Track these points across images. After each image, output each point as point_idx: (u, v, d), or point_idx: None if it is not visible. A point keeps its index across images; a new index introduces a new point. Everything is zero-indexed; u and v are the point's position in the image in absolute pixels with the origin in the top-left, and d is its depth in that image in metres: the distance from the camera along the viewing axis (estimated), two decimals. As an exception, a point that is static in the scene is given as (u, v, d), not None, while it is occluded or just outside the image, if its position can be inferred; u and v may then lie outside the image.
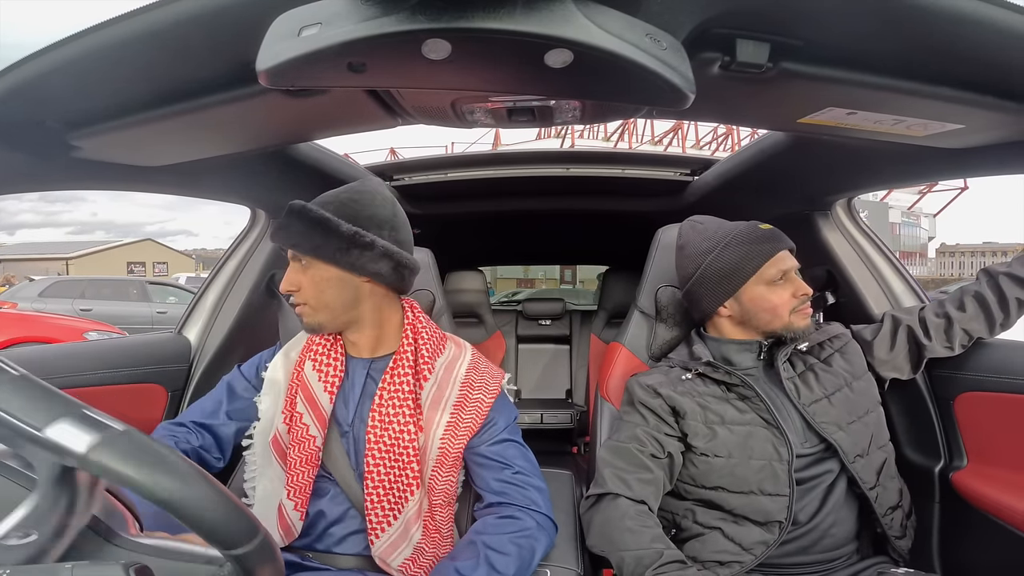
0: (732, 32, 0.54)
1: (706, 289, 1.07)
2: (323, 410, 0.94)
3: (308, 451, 0.93)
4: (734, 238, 1.04)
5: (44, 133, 0.73)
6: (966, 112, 0.66)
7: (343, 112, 0.76)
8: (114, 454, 0.35)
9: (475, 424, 0.96)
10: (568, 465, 2.15)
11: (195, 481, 0.38)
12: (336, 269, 0.91)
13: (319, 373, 0.96)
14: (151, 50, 0.56)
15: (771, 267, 1.01)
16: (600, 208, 1.99)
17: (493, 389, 1.01)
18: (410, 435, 0.91)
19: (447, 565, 0.84)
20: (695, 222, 1.14)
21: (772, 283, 1.02)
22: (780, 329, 1.02)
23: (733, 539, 0.96)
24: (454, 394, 0.97)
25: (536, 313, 2.87)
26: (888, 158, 1.01)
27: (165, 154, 0.90)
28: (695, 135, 20.15)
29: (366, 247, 0.90)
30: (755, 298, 1.03)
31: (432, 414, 0.95)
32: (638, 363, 1.29)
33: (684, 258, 1.12)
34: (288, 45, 0.42)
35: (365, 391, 0.97)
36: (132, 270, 29.81)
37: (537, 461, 1.01)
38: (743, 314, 1.05)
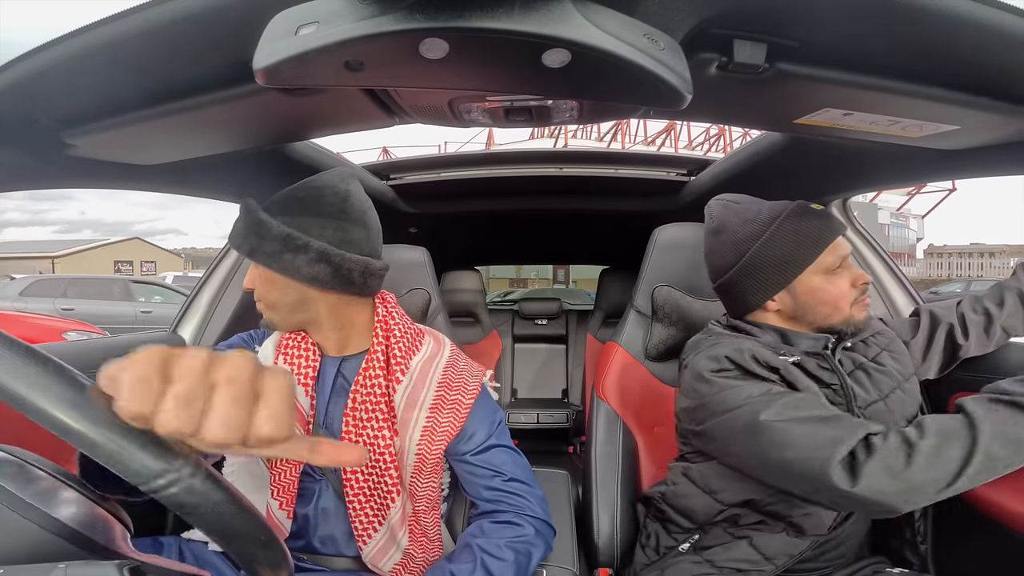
0: (730, 33, 0.55)
1: (753, 280, 0.94)
2: (300, 406, 0.90)
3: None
4: (786, 220, 0.91)
5: (38, 131, 0.73)
6: (961, 113, 0.67)
7: (340, 111, 0.76)
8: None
9: (453, 427, 0.92)
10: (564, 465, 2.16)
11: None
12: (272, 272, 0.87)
13: (291, 367, 0.92)
14: (147, 48, 0.56)
15: (830, 254, 0.90)
16: (597, 208, 1.99)
17: (472, 390, 0.96)
18: (385, 440, 0.88)
19: (443, 567, 0.83)
20: (729, 202, 1.00)
21: (830, 272, 0.90)
22: (839, 323, 0.92)
23: (759, 548, 0.90)
24: (430, 395, 0.93)
25: (532, 313, 2.87)
26: (883, 159, 1.02)
27: (161, 152, 0.89)
28: (688, 136, 20.18)
29: (299, 250, 0.84)
30: (812, 289, 0.91)
31: (407, 417, 0.91)
32: (634, 363, 1.30)
33: (722, 244, 0.98)
34: (285, 44, 0.42)
35: (336, 389, 0.93)
36: (119, 269, 29.45)
37: (533, 461, 1.00)
38: (796, 308, 0.93)
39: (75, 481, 0.45)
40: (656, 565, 1.00)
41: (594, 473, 1.21)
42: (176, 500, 0.33)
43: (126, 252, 33.83)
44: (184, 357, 0.34)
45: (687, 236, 1.30)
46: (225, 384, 0.33)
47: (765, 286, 0.93)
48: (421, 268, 1.39)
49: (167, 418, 0.32)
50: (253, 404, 0.34)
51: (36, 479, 0.43)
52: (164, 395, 0.32)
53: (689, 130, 19.89)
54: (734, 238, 0.95)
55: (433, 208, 2.01)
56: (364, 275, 0.89)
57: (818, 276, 0.90)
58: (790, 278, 0.91)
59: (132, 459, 0.32)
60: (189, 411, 0.32)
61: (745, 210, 0.96)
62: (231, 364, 0.34)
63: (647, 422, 1.29)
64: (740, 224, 0.95)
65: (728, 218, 0.97)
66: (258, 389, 0.34)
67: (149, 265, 33.41)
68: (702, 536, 0.96)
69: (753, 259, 0.93)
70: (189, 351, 0.34)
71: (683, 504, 0.98)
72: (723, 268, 0.98)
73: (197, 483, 0.33)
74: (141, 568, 0.38)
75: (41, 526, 0.40)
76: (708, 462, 0.95)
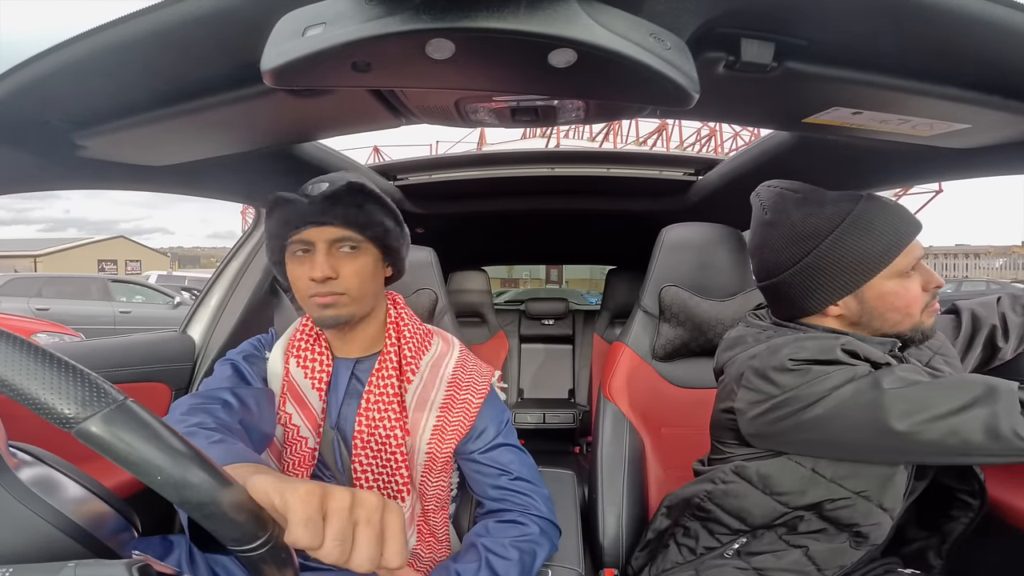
0: (737, 32, 0.54)
1: (816, 283, 0.84)
2: (313, 409, 0.91)
3: (301, 453, 0.90)
4: (860, 216, 0.81)
5: (49, 132, 0.74)
6: (973, 112, 0.66)
7: (348, 112, 0.76)
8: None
9: (463, 426, 0.93)
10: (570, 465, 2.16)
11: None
12: (380, 256, 0.90)
13: (305, 370, 0.92)
14: (156, 50, 0.56)
15: (905, 256, 0.81)
16: (605, 208, 1.99)
17: (481, 389, 0.97)
18: (396, 440, 0.88)
19: (447, 566, 0.83)
20: (785, 189, 0.89)
21: (904, 275, 0.82)
22: (908, 331, 0.83)
23: (814, 559, 0.84)
24: (440, 395, 0.93)
25: (539, 313, 2.87)
26: (894, 158, 1.01)
27: (170, 153, 0.90)
28: (679, 136, 20.05)
29: (404, 234, 0.91)
30: (884, 294, 0.82)
31: (418, 416, 0.91)
32: (642, 363, 1.29)
33: (779, 239, 0.87)
34: (292, 45, 0.42)
35: (350, 391, 0.93)
36: (103, 268, 28.80)
37: (539, 461, 1.00)
38: (862, 314, 0.84)
39: (85, 479, 0.46)
40: (690, 565, 0.95)
41: (600, 473, 1.21)
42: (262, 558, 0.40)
43: (110, 251, 32.92)
44: (334, 500, 0.44)
45: (695, 236, 1.29)
46: (365, 524, 0.44)
47: (830, 290, 0.84)
48: (428, 268, 1.39)
49: (329, 552, 0.42)
50: (382, 539, 0.45)
51: (49, 476, 0.44)
52: (325, 533, 0.43)
53: (680, 131, 19.73)
54: (793, 233, 0.85)
55: (440, 209, 2.01)
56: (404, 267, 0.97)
57: (893, 280, 0.81)
58: (861, 282, 0.82)
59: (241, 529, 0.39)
60: (343, 547, 0.43)
61: (805, 200, 0.86)
62: (368, 506, 0.45)
63: (654, 423, 1.29)
64: (801, 218, 0.85)
65: (786, 209, 0.87)
66: (384, 525, 0.45)
67: (134, 264, 32.53)
68: (751, 540, 0.89)
69: (818, 259, 0.83)
70: (337, 494, 0.45)
71: (735, 505, 0.90)
72: (778, 267, 0.88)
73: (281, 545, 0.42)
74: (149, 568, 0.38)
75: (51, 523, 0.40)
76: (773, 460, 0.86)
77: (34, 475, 0.42)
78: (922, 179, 1.13)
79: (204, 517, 0.37)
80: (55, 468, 0.45)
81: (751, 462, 0.88)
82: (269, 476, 0.46)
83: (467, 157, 1.87)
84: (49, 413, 0.34)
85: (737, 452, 0.92)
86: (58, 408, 0.34)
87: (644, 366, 1.30)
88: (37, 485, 0.41)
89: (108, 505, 0.46)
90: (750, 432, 0.87)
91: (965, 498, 0.87)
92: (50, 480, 0.43)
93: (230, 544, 0.39)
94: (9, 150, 0.75)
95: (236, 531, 0.39)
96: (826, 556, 0.83)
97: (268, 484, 0.44)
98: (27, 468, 0.43)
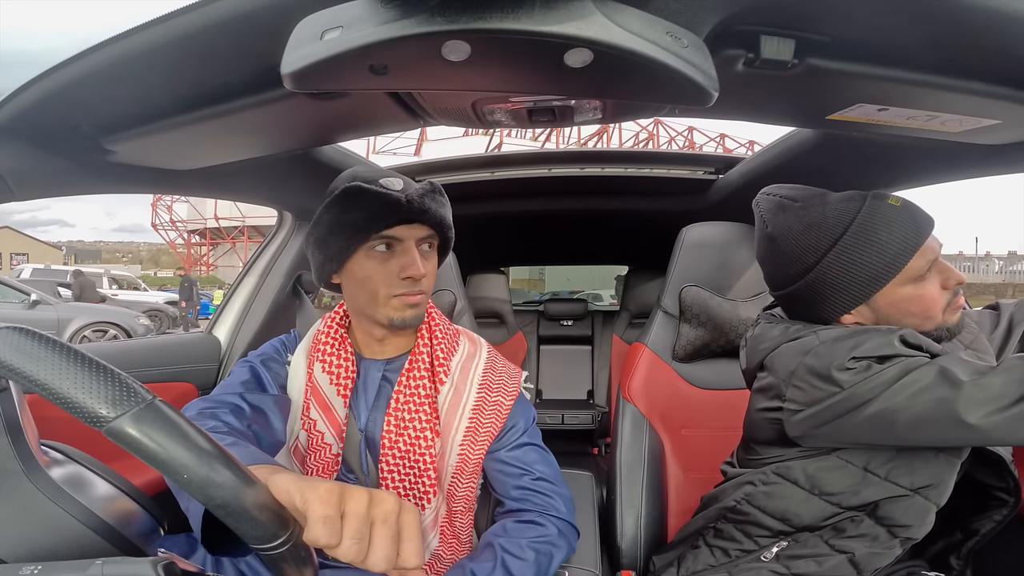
0: (755, 28, 0.53)
1: (822, 297, 0.83)
2: (338, 416, 0.89)
3: (325, 459, 0.90)
4: (861, 225, 0.78)
5: (79, 137, 0.76)
6: (1003, 107, 0.64)
7: (366, 114, 0.77)
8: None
9: (495, 429, 0.92)
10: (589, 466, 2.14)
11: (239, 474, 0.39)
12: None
13: (330, 376, 0.90)
14: (180, 55, 0.58)
15: (918, 259, 0.78)
16: (623, 208, 1.97)
17: (512, 391, 0.96)
18: (427, 441, 0.88)
19: (463, 565, 0.83)
20: (783, 199, 0.88)
21: (918, 279, 0.79)
22: (932, 331, 0.81)
23: (858, 564, 0.82)
24: (472, 397, 0.92)
25: (558, 314, 2.86)
26: (921, 155, 0.98)
27: (195, 157, 0.92)
28: (619, 139, 19.90)
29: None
30: (899, 301, 0.80)
31: (450, 419, 0.90)
32: (662, 364, 1.28)
33: (781, 254, 0.87)
34: (311, 49, 0.42)
35: (381, 393, 0.92)
36: None
37: (558, 462, 1.00)
38: (878, 320, 0.83)
39: (114, 477, 0.47)
40: (723, 568, 0.92)
41: (619, 475, 1.20)
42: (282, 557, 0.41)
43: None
44: (353, 500, 0.45)
45: (715, 235, 1.28)
46: (381, 524, 0.45)
47: (839, 303, 0.82)
48: (447, 270, 1.39)
49: (347, 551, 0.43)
50: (398, 540, 0.45)
51: (79, 474, 0.45)
52: (343, 532, 0.43)
53: (620, 133, 19.53)
54: (794, 248, 0.83)
55: (459, 210, 2.01)
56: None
57: (905, 287, 0.79)
58: (868, 295, 0.80)
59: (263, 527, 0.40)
60: (360, 546, 0.44)
61: (805, 211, 0.84)
62: (385, 506, 0.46)
63: (674, 424, 1.28)
64: (802, 230, 0.83)
65: (786, 222, 0.85)
66: (401, 526, 0.46)
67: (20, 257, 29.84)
68: (792, 544, 0.86)
69: (822, 275, 0.81)
70: (356, 494, 0.45)
71: (779, 507, 0.87)
72: (784, 280, 0.87)
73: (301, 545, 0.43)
74: (174, 566, 0.39)
75: (81, 521, 0.41)
76: (821, 459, 0.83)
77: (65, 473, 0.43)
78: (951, 176, 1.10)
79: (228, 515, 0.38)
80: (85, 466, 0.46)
81: (796, 462, 0.85)
82: (289, 476, 0.47)
83: (485, 159, 1.87)
84: (82, 412, 0.35)
85: (776, 453, 0.89)
86: (90, 407, 0.35)
87: (664, 367, 1.29)
88: (68, 483, 0.42)
89: (136, 503, 0.46)
90: (799, 433, 0.83)
91: (1001, 495, 0.86)
92: (80, 478, 0.44)
93: (252, 542, 0.40)
94: (40, 154, 0.77)
95: (259, 529, 0.39)
96: (868, 559, 0.81)
97: (289, 483, 0.45)
98: (58, 466, 0.44)
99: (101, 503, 0.43)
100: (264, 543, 0.40)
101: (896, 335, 0.74)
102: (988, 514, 0.87)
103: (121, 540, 0.43)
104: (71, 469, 0.45)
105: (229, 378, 0.91)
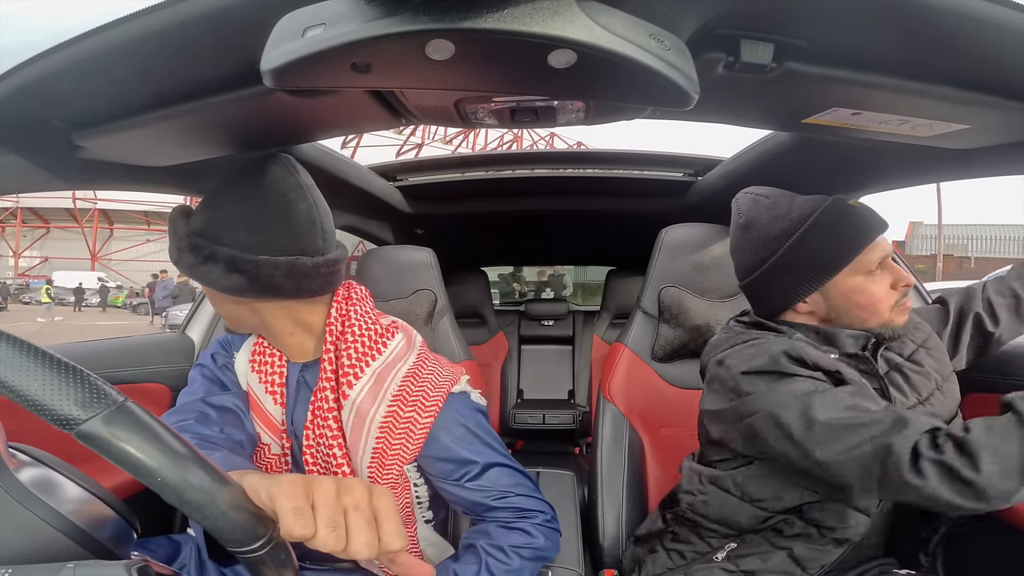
0: (736, 32, 0.54)
1: (782, 282, 0.89)
2: (270, 415, 0.88)
3: (267, 459, 0.89)
4: (820, 218, 0.86)
5: (50, 133, 0.73)
6: (972, 112, 0.66)
7: (347, 113, 0.76)
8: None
9: (406, 450, 0.83)
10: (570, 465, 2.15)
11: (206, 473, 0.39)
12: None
13: (259, 375, 0.89)
14: (156, 50, 0.56)
15: (868, 253, 0.85)
16: (604, 208, 1.99)
17: (430, 406, 0.84)
18: (336, 459, 0.83)
19: (447, 566, 0.82)
20: (759, 196, 0.95)
21: (869, 273, 0.85)
22: (877, 327, 0.86)
23: (799, 560, 0.85)
24: (381, 412, 0.82)
25: (539, 314, 2.87)
26: (893, 159, 1.01)
27: (171, 154, 0.90)
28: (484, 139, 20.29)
29: (208, 260, 0.76)
30: (849, 291, 0.85)
31: (356, 437, 0.82)
32: (641, 364, 1.29)
33: (751, 241, 0.93)
34: (292, 46, 0.42)
35: (300, 397, 0.89)
36: None
37: (539, 461, 1.00)
38: (829, 311, 0.88)
39: (84, 480, 0.46)
40: (680, 570, 0.95)
41: (600, 474, 1.21)
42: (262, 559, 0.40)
43: None
44: (320, 488, 0.44)
45: (694, 236, 1.29)
46: (354, 511, 0.44)
47: (795, 288, 0.88)
48: (427, 269, 1.39)
49: (325, 540, 0.42)
50: (375, 524, 0.44)
51: (48, 477, 0.44)
52: (316, 522, 0.43)
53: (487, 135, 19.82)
54: (762, 235, 0.90)
55: (439, 209, 2.01)
56: (292, 277, 0.78)
57: (855, 278, 0.85)
58: (822, 281, 0.86)
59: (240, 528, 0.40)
60: (337, 533, 0.43)
61: (775, 205, 0.91)
62: (354, 492, 0.45)
63: (654, 423, 1.29)
64: (769, 221, 0.90)
65: (757, 213, 0.92)
66: (376, 510, 0.45)
67: None
68: (740, 544, 0.90)
69: (782, 260, 0.87)
70: (323, 483, 0.45)
71: (719, 513, 0.92)
72: (750, 267, 0.94)
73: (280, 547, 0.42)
74: (149, 568, 0.38)
75: (51, 524, 0.40)
76: (745, 468, 0.88)
77: (33, 476, 0.42)
78: (922, 180, 1.13)
79: (204, 518, 0.38)
80: (54, 469, 0.45)
81: (725, 472, 0.91)
82: (257, 475, 0.47)
83: (466, 158, 1.87)
84: (49, 415, 0.34)
85: (714, 459, 0.95)
86: (58, 410, 0.34)
87: (644, 367, 1.30)
88: (36, 486, 0.41)
89: (108, 506, 0.45)
90: (715, 436, 0.91)
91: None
92: (49, 481, 0.43)
93: (231, 546, 0.39)
94: (9, 150, 0.75)
95: (236, 532, 0.39)
96: (809, 556, 0.85)
97: (255, 481, 0.44)
98: (26, 469, 0.43)
99: (71, 506, 0.42)
100: (243, 545, 0.39)
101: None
102: (940, 514, 0.89)
103: (92, 543, 0.42)
104: (39, 472, 0.44)
105: (188, 386, 0.91)
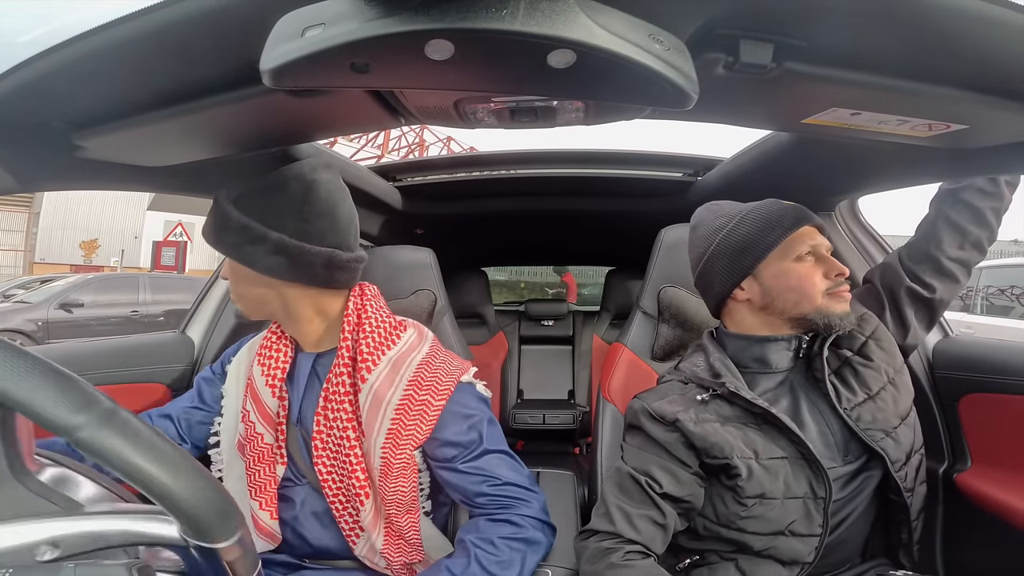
0: (736, 33, 0.54)
1: (719, 267, 0.95)
2: (266, 406, 0.90)
3: (259, 449, 0.90)
4: (751, 211, 0.94)
5: (49, 133, 0.73)
6: (970, 112, 0.66)
7: (346, 112, 0.76)
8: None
9: (419, 431, 0.88)
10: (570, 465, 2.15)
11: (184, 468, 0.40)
12: (236, 263, 0.88)
13: (262, 367, 0.92)
14: (156, 50, 0.56)
15: (796, 241, 0.90)
16: (604, 209, 1.99)
17: (443, 390, 0.90)
18: (349, 441, 0.87)
19: (439, 564, 0.82)
20: (712, 204, 1.04)
21: (799, 259, 0.89)
22: (811, 314, 0.87)
23: (745, 573, 0.85)
24: (397, 395, 0.88)
25: (539, 314, 2.87)
26: (892, 159, 1.01)
27: (170, 154, 0.90)
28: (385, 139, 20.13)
29: (256, 241, 0.84)
30: (778, 274, 0.89)
31: (372, 419, 0.87)
32: (641, 363, 1.29)
33: (696, 239, 1.02)
34: (292, 46, 0.42)
35: (309, 387, 0.93)
36: None
37: (539, 461, 1.00)
38: (764, 296, 0.91)
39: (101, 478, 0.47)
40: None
41: (600, 474, 1.21)
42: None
43: None
44: None
45: None
46: None
47: (730, 271, 0.94)
48: (427, 269, 1.39)
49: None
50: None
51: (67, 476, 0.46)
52: None
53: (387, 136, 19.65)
54: (704, 231, 1.00)
55: (439, 209, 2.01)
56: (328, 267, 0.87)
57: (784, 262, 0.90)
58: (753, 262, 0.91)
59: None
60: None
61: (720, 207, 1.01)
62: None
63: (653, 423, 1.29)
64: (711, 220, 1.00)
65: (703, 216, 1.03)
66: None
67: None
68: (698, 558, 0.92)
69: (718, 248, 0.95)
70: None
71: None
72: (695, 261, 1.02)
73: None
74: (150, 568, 0.38)
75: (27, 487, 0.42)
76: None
77: (53, 476, 0.44)
78: (921, 180, 1.13)
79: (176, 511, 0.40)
80: (74, 470, 0.46)
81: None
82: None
83: (466, 158, 1.87)
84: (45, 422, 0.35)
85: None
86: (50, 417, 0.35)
87: (643, 367, 1.30)
88: (57, 485, 0.43)
89: None
90: None
91: (894, 497, 0.87)
92: (69, 480, 0.45)
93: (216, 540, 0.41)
94: (8, 151, 0.75)
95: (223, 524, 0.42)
96: (759, 572, 0.84)
97: None
98: (48, 469, 0.44)
99: (88, 505, 0.44)
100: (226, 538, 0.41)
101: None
102: (900, 519, 0.89)
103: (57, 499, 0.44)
104: (59, 472, 0.45)
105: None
